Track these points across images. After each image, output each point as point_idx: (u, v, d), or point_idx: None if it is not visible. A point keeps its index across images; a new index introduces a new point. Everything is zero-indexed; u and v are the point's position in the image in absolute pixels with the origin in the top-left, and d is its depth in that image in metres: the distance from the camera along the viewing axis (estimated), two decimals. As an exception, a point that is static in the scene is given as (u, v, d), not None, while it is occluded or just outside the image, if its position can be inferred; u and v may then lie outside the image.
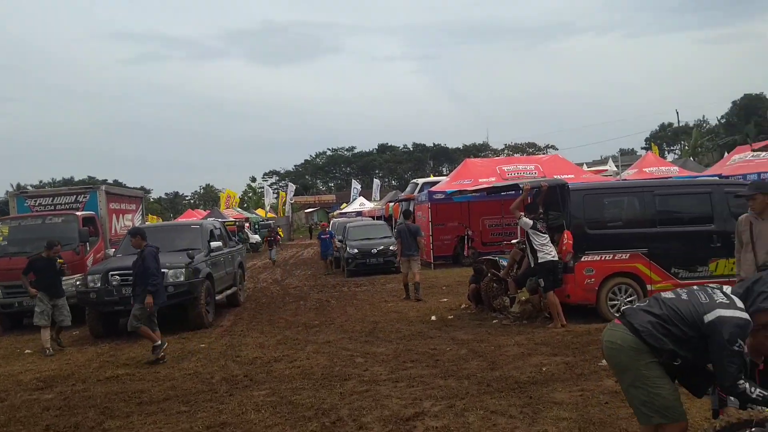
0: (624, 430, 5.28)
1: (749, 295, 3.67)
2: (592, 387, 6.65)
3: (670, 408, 3.77)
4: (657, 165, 23.98)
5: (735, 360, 3.56)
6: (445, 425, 5.79)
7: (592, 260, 10.19)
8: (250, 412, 6.59)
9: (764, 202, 6.09)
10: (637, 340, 3.81)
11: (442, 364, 8.07)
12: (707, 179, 14.67)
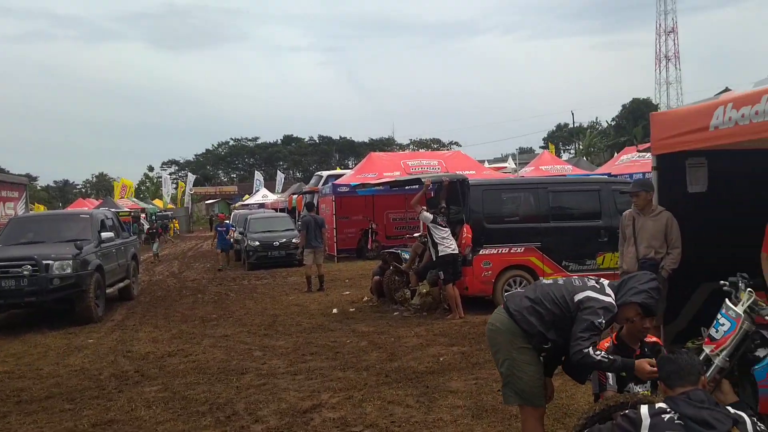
0: (514, 416, 5.45)
1: (622, 288, 3.90)
2: (486, 375, 6.84)
3: (527, 392, 3.97)
4: (552, 163, 25.05)
5: (592, 332, 3.77)
6: (342, 416, 5.78)
7: (489, 253, 10.51)
8: (140, 408, 6.32)
9: (646, 199, 6.47)
10: (511, 323, 3.98)
11: (342, 357, 8.06)
12: (597, 178, 15.44)
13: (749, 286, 3.87)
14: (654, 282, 3.91)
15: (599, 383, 4.29)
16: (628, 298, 3.83)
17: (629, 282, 3.92)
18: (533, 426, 4.06)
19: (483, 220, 10.60)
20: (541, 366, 4.08)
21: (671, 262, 6.31)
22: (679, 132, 6.14)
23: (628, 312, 3.87)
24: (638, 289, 3.82)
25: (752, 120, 5.18)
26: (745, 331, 3.68)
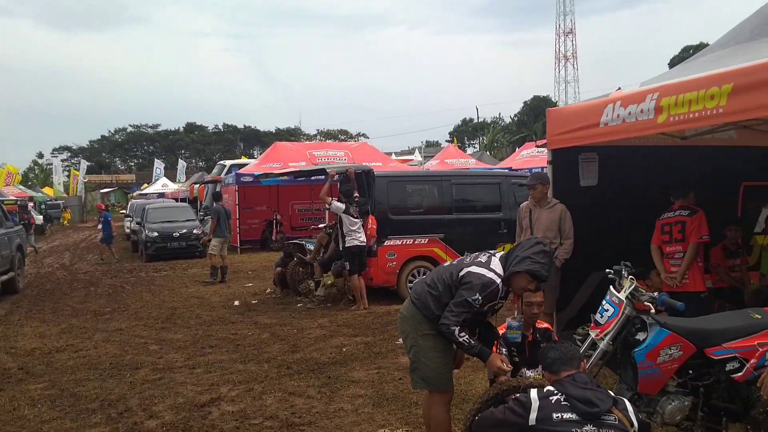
0: (414, 403, 5.54)
1: (508, 259, 3.99)
2: (388, 364, 6.91)
3: (434, 378, 4.06)
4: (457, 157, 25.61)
5: (464, 309, 3.86)
6: (241, 409, 5.68)
7: (394, 245, 10.61)
8: (24, 407, 5.95)
9: (542, 192, 6.73)
10: (415, 310, 4.05)
11: (243, 349, 7.91)
12: (498, 171, 15.91)
13: (631, 274, 4.08)
14: (538, 246, 3.96)
15: (496, 370, 4.42)
16: (513, 268, 3.90)
17: (514, 251, 4.00)
18: (439, 411, 4.13)
19: (388, 211, 10.69)
20: (447, 352, 4.14)
21: (564, 252, 6.59)
22: (572, 128, 6.41)
23: (520, 281, 3.92)
24: (521, 257, 3.88)
25: (638, 118, 5.48)
26: (627, 316, 3.90)
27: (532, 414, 3.14)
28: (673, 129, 5.72)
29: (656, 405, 3.98)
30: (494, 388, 3.72)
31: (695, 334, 3.95)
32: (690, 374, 4.03)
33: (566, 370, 3.30)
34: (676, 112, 5.08)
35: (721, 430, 4.21)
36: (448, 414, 4.19)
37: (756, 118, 6.09)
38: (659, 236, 6.44)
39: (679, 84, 5.13)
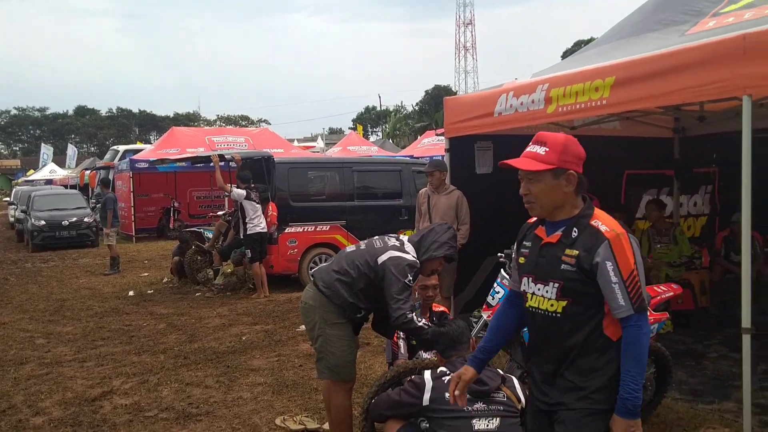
0: (315, 389, 5.56)
1: (423, 243, 4.10)
2: (288, 352, 6.88)
3: (340, 367, 4.05)
4: (359, 144, 25.68)
5: (406, 292, 3.91)
6: (135, 402, 5.49)
7: (295, 232, 10.54)
8: None
9: (440, 179, 6.88)
10: (323, 299, 4.02)
11: (138, 340, 7.64)
12: (398, 159, 16.11)
13: (521, 257, 4.25)
14: (451, 231, 4.20)
15: (392, 352, 4.50)
16: (433, 253, 4.05)
17: (429, 236, 4.12)
18: (341, 399, 4.14)
19: (289, 198, 10.59)
20: (353, 340, 4.17)
21: (461, 237, 6.77)
22: (468, 117, 6.59)
23: (433, 264, 4.13)
24: (440, 242, 4.08)
25: (529, 108, 5.71)
26: (517, 298, 4.06)
27: (426, 395, 3.23)
28: (562, 119, 6.00)
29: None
30: (391, 371, 3.79)
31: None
32: (574, 351, 4.25)
33: (457, 353, 3.42)
34: (564, 103, 5.33)
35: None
36: (349, 400, 4.22)
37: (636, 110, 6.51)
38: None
39: (567, 76, 5.38)
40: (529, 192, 2.59)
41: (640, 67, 4.67)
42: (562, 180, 2.52)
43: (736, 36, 4.05)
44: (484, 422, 3.16)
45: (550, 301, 2.53)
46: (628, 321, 2.40)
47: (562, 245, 2.52)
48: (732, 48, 4.05)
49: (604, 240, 2.42)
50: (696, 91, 4.33)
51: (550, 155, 2.53)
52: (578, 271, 2.45)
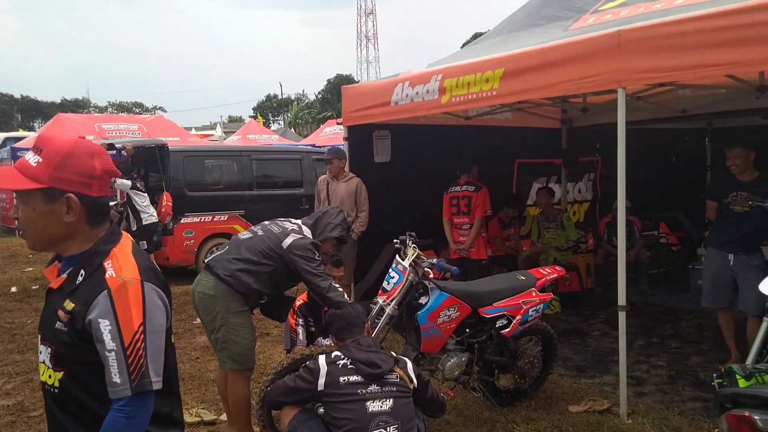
0: (212, 381, 5.46)
1: (318, 226, 4.26)
2: (184, 345, 6.72)
3: (243, 355, 4.05)
4: (260, 132, 25.24)
5: (321, 267, 4.07)
6: (18, 402, 5.20)
7: (191, 222, 10.26)
8: None
9: (339, 167, 6.91)
10: (226, 288, 3.96)
11: (21, 338, 7.21)
12: (299, 147, 16.00)
13: (414, 243, 4.37)
14: (342, 214, 4.43)
15: (290, 340, 4.51)
16: (328, 234, 4.25)
17: (323, 218, 4.32)
18: (241, 387, 4.11)
19: (184, 187, 10.29)
20: (253, 328, 4.16)
21: (360, 224, 6.84)
22: (366, 106, 6.66)
23: (326, 246, 4.31)
24: (333, 224, 4.28)
25: (425, 98, 5.85)
26: (411, 282, 4.18)
27: (320, 379, 3.26)
28: (455, 109, 6.19)
29: (438, 362, 4.32)
30: (287, 358, 3.79)
31: (470, 295, 4.35)
32: (467, 332, 4.43)
33: (352, 336, 3.48)
34: (457, 93, 5.49)
35: (493, 380, 4.70)
36: (249, 389, 4.20)
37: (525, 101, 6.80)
38: (448, 209, 6.95)
39: (460, 67, 5.55)
40: (18, 217, 1.87)
41: (526, 60, 4.89)
42: (60, 205, 1.82)
43: (612, 32, 4.32)
44: (378, 404, 3.24)
45: (48, 372, 1.87)
46: (118, 403, 1.75)
47: (63, 294, 1.84)
48: (608, 43, 4.32)
49: (104, 289, 1.76)
50: (577, 83, 4.58)
51: (42, 169, 1.81)
52: (70, 332, 1.78)
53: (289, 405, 3.45)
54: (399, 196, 7.42)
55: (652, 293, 8.35)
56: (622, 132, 4.33)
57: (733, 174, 5.29)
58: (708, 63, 3.94)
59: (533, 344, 4.90)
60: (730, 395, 2.37)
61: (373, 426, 3.20)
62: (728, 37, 3.78)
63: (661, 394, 5.00)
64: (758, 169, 5.24)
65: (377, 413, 3.22)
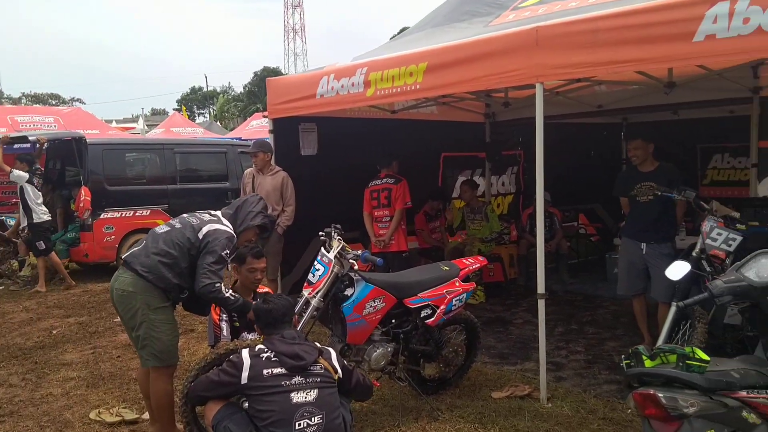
0: (133, 380, 5.31)
1: (238, 215, 4.17)
2: (105, 343, 6.52)
3: (166, 352, 3.94)
4: (184, 126, 24.58)
5: (220, 265, 3.88)
6: None
7: (112, 217, 9.94)
8: None
9: (264, 160, 6.83)
10: (145, 284, 3.85)
11: None
12: (224, 140, 15.71)
13: (340, 235, 4.38)
14: (263, 201, 4.34)
15: (214, 336, 4.43)
16: (250, 223, 4.17)
17: (244, 207, 4.22)
18: (164, 384, 4.01)
19: (104, 182, 9.94)
20: (175, 324, 4.06)
21: (286, 218, 6.79)
22: (291, 98, 6.61)
23: (248, 235, 4.23)
24: (255, 212, 4.20)
25: (350, 91, 5.85)
26: (336, 274, 4.19)
27: (244, 373, 3.24)
28: (380, 102, 6.23)
29: (364, 353, 4.36)
30: (211, 354, 3.73)
31: (395, 286, 4.40)
32: (392, 323, 4.48)
33: (278, 330, 3.46)
34: (382, 87, 5.52)
35: (419, 370, 4.77)
36: (172, 385, 4.11)
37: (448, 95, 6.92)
38: (369, 203, 6.97)
39: (384, 61, 5.59)
40: None
41: (449, 54, 4.97)
42: None
43: (530, 29, 4.44)
44: (302, 395, 3.24)
45: None
46: None
47: None
48: (526, 39, 4.44)
49: None
50: (497, 78, 4.70)
51: None
52: None
53: (212, 400, 3.40)
54: (326, 189, 7.41)
55: (572, 282, 8.66)
56: (540, 125, 4.47)
57: (635, 166, 5.56)
58: (619, 60, 4.11)
59: (457, 333, 5.01)
60: (636, 375, 2.49)
61: (297, 417, 3.20)
62: (637, 35, 3.95)
63: (579, 378, 5.21)
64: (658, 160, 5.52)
65: (301, 404, 3.23)
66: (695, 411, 2.36)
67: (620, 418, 4.30)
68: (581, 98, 7.34)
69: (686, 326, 4.63)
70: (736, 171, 9.37)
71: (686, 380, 2.40)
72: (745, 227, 4.61)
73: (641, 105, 7.28)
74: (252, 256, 4.40)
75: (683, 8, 3.75)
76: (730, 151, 9.41)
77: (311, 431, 3.23)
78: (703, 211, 4.87)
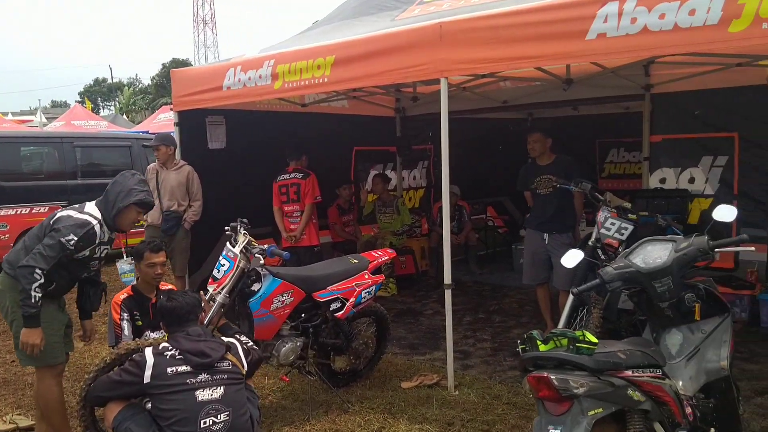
0: (30, 385, 5.05)
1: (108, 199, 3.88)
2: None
3: (45, 353, 3.70)
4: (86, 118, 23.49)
5: (53, 251, 3.54)
6: None
7: (6, 215, 9.39)
8: None
9: (167, 153, 6.61)
10: (11, 280, 3.67)
11: None
12: (128, 134, 15.16)
13: (246, 229, 4.31)
14: (136, 176, 4.01)
15: (115, 336, 4.28)
16: (122, 203, 3.81)
17: (113, 188, 3.89)
18: (48, 386, 3.81)
19: (-4, 177, 9.38)
20: (54, 322, 3.79)
21: (193, 214, 6.61)
22: (197, 90, 6.43)
23: (130, 215, 3.87)
24: (127, 190, 3.86)
25: (257, 83, 5.77)
26: (242, 269, 4.13)
27: (147, 371, 3.14)
28: (289, 95, 6.18)
29: (272, 349, 4.32)
30: (111, 354, 3.60)
31: (304, 280, 4.38)
32: (301, 317, 4.47)
33: (184, 328, 3.38)
34: (290, 79, 5.48)
35: (329, 363, 4.78)
36: (58, 387, 3.89)
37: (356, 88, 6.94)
38: (278, 198, 6.90)
39: (292, 53, 5.54)
40: None
41: (355, 48, 4.98)
42: None
43: (434, 24, 4.52)
44: (208, 392, 3.18)
45: None
46: None
47: None
48: (431, 34, 4.52)
49: None
50: (403, 72, 4.75)
51: None
52: None
53: (113, 401, 3.29)
54: (236, 184, 7.27)
55: (481, 273, 8.91)
56: (446, 120, 4.56)
57: (534, 160, 5.79)
58: (519, 56, 4.25)
59: (367, 325, 5.05)
60: (531, 358, 2.59)
61: (203, 414, 3.14)
62: (535, 32, 4.09)
63: (485, 366, 5.36)
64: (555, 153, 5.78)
65: (207, 402, 3.17)
66: (585, 391, 2.48)
67: (523, 402, 4.47)
68: (487, 94, 7.53)
69: (583, 312, 4.86)
70: (630, 165, 9.92)
71: (576, 362, 2.52)
72: (635, 217, 4.88)
73: (544, 101, 7.55)
74: (150, 251, 4.27)
75: (576, 7, 3.92)
76: (625, 145, 9.94)
77: (217, 429, 3.18)
78: (598, 202, 5.12)
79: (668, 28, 3.59)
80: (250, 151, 7.43)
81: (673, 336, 3.12)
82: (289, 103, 7.60)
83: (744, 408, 3.66)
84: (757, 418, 4.14)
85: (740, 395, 3.37)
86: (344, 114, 8.43)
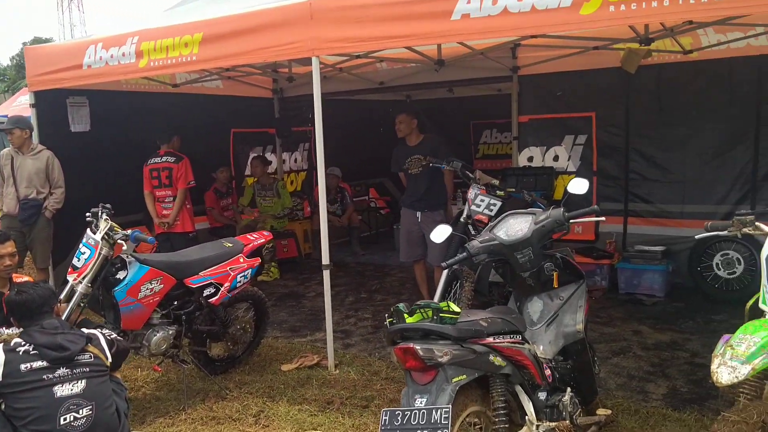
0: None
1: None
2: None
3: None
4: None
5: None
6: None
7: None
8: None
9: (22, 137, 6.12)
10: None
11: None
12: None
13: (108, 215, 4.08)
14: None
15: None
16: None
17: None
18: None
19: None
20: None
21: (55, 201, 6.19)
22: (55, 69, 6.03)
23: None
24: None
25: (120, 61, 5.48)
26: (105, 257, 3.92)
27: (-2, 370, 2.92)
28: (155, 74, 5.92)
29: (143, 339, 4.14)
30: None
31: (174, 266, 4.23)
32: (173, 305, 4.31)
33: (37, 321, 3.16)
34: (155, 57, 5.24)
35: (205, 350, 4.66)
36: None
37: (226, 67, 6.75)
38: (149, 182, 6.61)
39: (158, 30, 5.30)
40: None
41: (223, 26, 4.84)
42: None
43: (305, 2, 4.46)
44: (67, 387, 3.00)
45: None
46: None
47: None
48: (301, 12, 4.46)
49: None
50: (274, 50, 4.67)
51: None
52: None
53: (-40, 405, 3.03)
54: (103, 169, 6.88)
55: (364, 253, 8.99)
56: (318, 99, 4.53)
57: (404, 140, 5.92)
58: (388, 35, 4.28)
59: (245, 310, 4.95)
60: (398, 330, 2.65)
61: (62, 411, 2.96)
62: (403, 11, 4.13)
63: (365, 344, 5.43)
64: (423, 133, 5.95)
65: (67, 397, 2.99)
66: (449, 359, 2.57)
67: (401, 377, 4.55)
68: (365, 75, 7.56)
69: (457, 286, 5.02)
70: (503, 145, 10.33)
71: (440, 332, 2.60)
72: (503, 193, 5.09)
73: (419, 82, 7.68)
74: None
75: (442, -12, 4.00)
76: (498, 126, 10.33)
77: (79, 424, 3.01)
78: (469, 180, 5.29)
79: (526, 10, 3.74)
80: (118, 134, 7.05)
81: (534, 303, 3.29)
82: (159, 83, 7.27)
83: (600, 367, 3.94)
84: (613, 377, 4.46)
85: (596, 356, 3.62)
86: (219, 95, 8.19)
